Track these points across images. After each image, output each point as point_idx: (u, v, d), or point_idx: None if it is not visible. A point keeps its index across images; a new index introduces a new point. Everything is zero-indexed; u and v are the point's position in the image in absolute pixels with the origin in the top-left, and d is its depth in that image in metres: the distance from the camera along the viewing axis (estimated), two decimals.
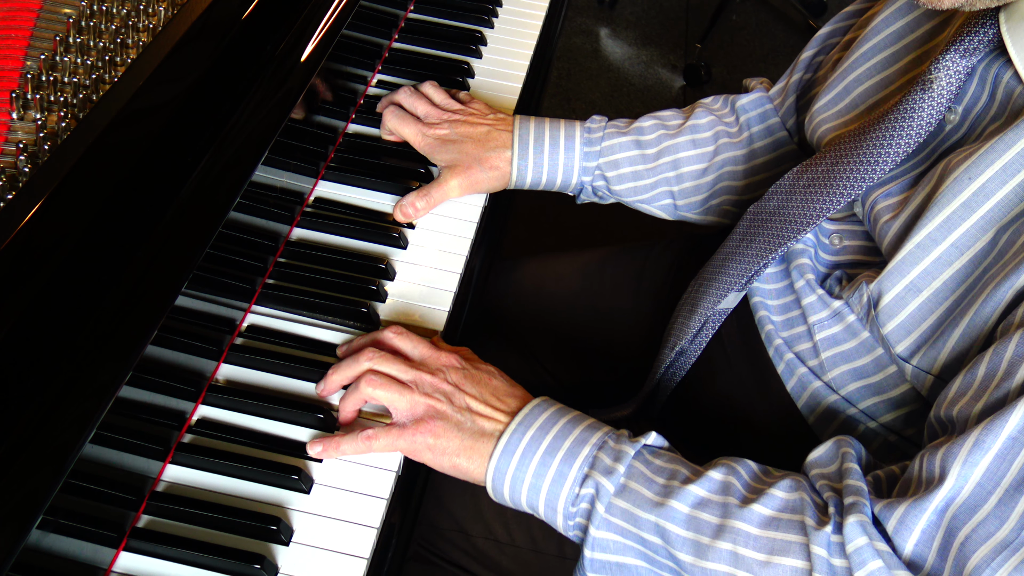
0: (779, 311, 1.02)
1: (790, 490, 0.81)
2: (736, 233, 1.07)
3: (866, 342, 0.93)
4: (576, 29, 3.12)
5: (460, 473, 0.89)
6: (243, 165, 0.91)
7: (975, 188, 0.82)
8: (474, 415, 0.89)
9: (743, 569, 0.79)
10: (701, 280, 1.09)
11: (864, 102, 1.02)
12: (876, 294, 0.88)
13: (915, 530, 0.75)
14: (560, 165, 1.18)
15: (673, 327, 1.10)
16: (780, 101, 1.21)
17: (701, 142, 1.19)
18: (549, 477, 0.86)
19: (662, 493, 0.83)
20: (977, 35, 0.86)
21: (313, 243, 1.07)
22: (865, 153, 0.92)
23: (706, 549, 0.80)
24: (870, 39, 1.03)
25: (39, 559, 0.69)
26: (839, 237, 1.00)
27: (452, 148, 1.15)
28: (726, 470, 0.84)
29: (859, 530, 0.76)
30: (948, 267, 0.84)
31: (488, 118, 1.19)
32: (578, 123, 1.19)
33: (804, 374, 0.98)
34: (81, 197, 0.80)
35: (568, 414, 0.89)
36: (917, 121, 0.89)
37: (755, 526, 0.79)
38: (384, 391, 0.89)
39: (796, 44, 3.17)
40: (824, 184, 0.95)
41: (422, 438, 0.88)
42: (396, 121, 1.17)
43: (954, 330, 0.82)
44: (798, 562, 0.77)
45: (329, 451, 0.88)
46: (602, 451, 0.85)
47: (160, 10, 1.00)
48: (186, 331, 0.86)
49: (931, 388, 0.86)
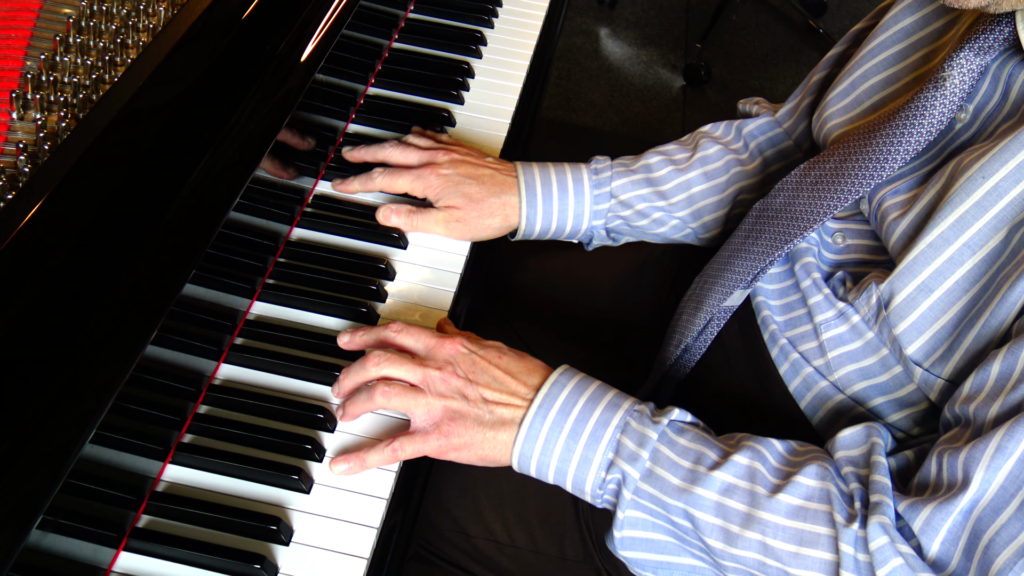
0: (782, 311, 1.02)
1: (817, 478, 0.83)
2: (741, 229, 1.06)
3: (872, 343, 0.93)
4: (576, 29, 3.12)
5: (488, 462, 0.90)
6: (243, 165, 0.91)
7: (989, 187, 0.82)
8: (491, 404, 0.89)
9: (773, 558, 0.81)
10: (706, 277, 1.09)
11: (871, 99, 1.01)
12: (887, 295, 0.87)
13: (941, 531, 0.76)
14: (570, 211, 1.14)
15: (678, 323, 1.10)
16: (791, 124, 1.19)
17: (713, 173, 1.17)
18: (574, 463, 0.88)
19: (688, 479, 0.84)
20: (992, 33, 0.85)
21: (313, 243, 1.07)
22: (874, 150, 0.91)
23: (735, 537, 0.82)
24: (879, 35, 1.03)
25: (39, 559, 0.69)
26: (842, 236, 0.99)
27: (455, 191, 1.09)
28: (751, 453, 0.85)
29: (881, 531, 0.78)
30: (960, 267, 0.83)
31: (487, 160, 1.14)
32: (583, 166, 1.16)
33: (810, 374, 0.98)
34: (81, 197, 0.80)
35: (587, 389, 0.90)
36: (928, 119, 0.88)
37: (783, 516, 0.81)
38: (399, 400, 0.89)
39: (796, 44, 3.18)
40: (832, 181, 0.95)
41: (446, 440, 0.89)
42: (388, 179, 1.10)
43: (968, 333, 0.82)
44: (826, 554, 0.80)
45: (354, 467, 0.88)
46: (625, 434, 0.87)
47: (160, 10, 1.00)
48: (186, 331, 0.86)
49: (940, 392, 0.86)
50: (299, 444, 0.89)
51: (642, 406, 0.90)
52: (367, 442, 0.91)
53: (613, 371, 1.15)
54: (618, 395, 0.90)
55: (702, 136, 1.20)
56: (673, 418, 0.89)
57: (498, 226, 1.12)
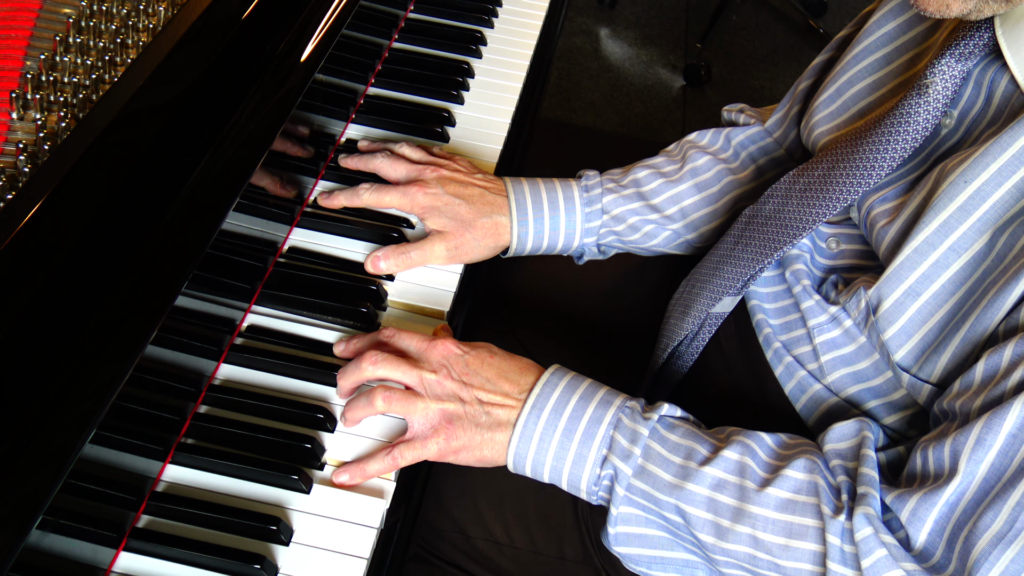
0: (776, 314, 1.02)
1: (805, 471, 0.84)
2: (730, 236, 1.06)
3: (864, 346, 0.93)
4: (576, 29, 3.12)
5: (487, 463, 0.91)
6: (243, 165, 0.91)
7: (971, 191, 0.82)
8: (486, 406, 0.90)
9: (763, 551, 0.83)
10: (694, 281, 1.09)
11: (856, 104, 1.02)
12: (875, 300, 0.88)
13: (927, 522, 0.77)
14: (562, 229, 1.13)
15: (665, 327, 1.11)
16: (781, 134, 1.19)
17: (704, 184, 1.17)
18: (569, 460, 0.89)
19: (680, 475, 0.86)
20: (972, 39, 0.86)
21: (313, 243, 1.07)
22: (861, 158, 0.92)
23: (726, 532, 0.84)
24: (863, 41, 1.03)
25: (39, 559, 0.69)
26: (836, 241, 1.00)
27: (444, 211, 1.07)
28: (741, 448, 0.86)
29: (865, 522, 0.79)
30: (946, 270, 0.84)
31: (476, 177, 1.11)
32: (573, 182, 1.15)
33: (804, 377, 0.98)
34: (81, 197, 0.80)
35: (579, 387, 0.91)
36: (913, 126, 0.89)
37: (772, 509, 0.83)
38: (399, 405, 0.90)
39: (796, 44, 3.18)
40: (820, 189, 0.95)
41: (445, 443, 0.89)
42: (375, 195, 1.08)
43: (954, 336, 0.83)
44: (814, 546, 0.81)
45: (356, 477, 0.88)
46: (618, 431, 0.88)
47: (160, 10, 1.00)
48: (186, 331, 0.86)
49: (928, 396, 0.86)
50: (299, 444, 0.89)
51: (633, 402, 0.91)
52: (367, 444, 0.91)
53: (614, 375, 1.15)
54: (609, 392, 0.92)
55: (689, 147, 1.19)
56: (663, 413, 0.90)
57: (491, 246, 1.10)
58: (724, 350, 1.09)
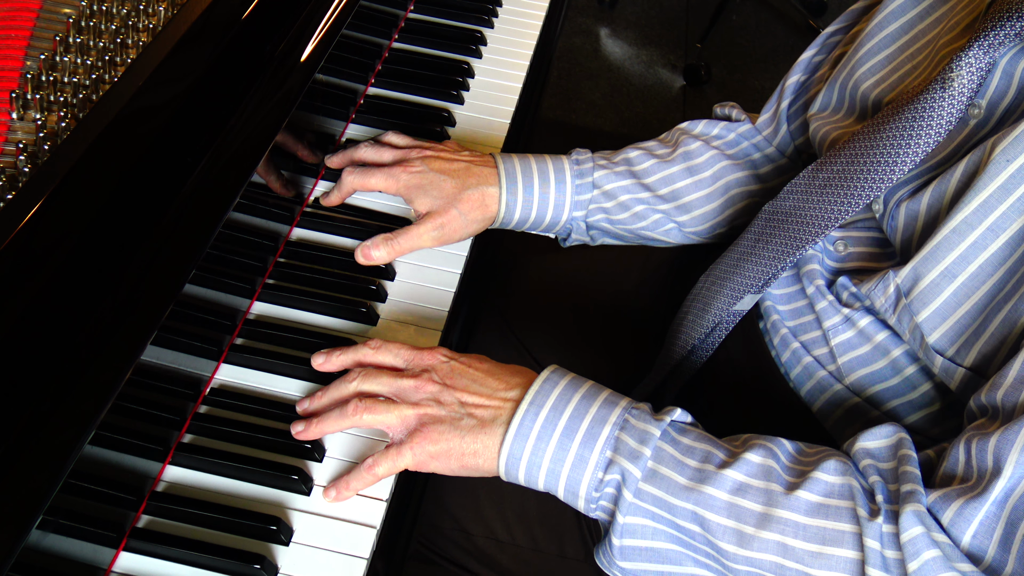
0: (791, 315, 1.01)
1: (836, 473, 0.79)
2: (751, 232, 1.05)
3: (880, 346, 0.92)
4: (576, 29, 3.12)
5: (472, 471, 0.86)
6: (243, 165, 0.91)
7: (1013, 170, 0.80)
8: (469, 407, 0.86)
9: (792, 559, 0.77)
10: (713, 277, 1.07)
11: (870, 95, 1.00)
12: (909, 282, 0.85)
13: (974, 522, 0.73)
14: (551, 200, 1.11)
15: (683, 324, 1.08)
16: (771, 132, 1.18)
17: (696, 168, 1.15)
18: (569, 462, 0.83)
19: (696, 478, 0.80)
20: (1003, 29, 0.83)
21: (313, 243, 1.07)
22: (882, 152, 0.89)
23: (750, 539, 0.78)
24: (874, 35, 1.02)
25: (39, 559, 0.69)
26: (844, 244, 0.98)
27: (429, 190, 1.05)
28: (764, 452, 0.81)
29: (915, 520, 0.74)
30: (984, 251, 0.81)
31: (463, 154, 1.10)
32: (564, 157, 1.14)
33: (824, 377, 0.96)
34: (81, 197, 0.80)
35: (581, 386, 0.86)
36: (936, 120, 0.86)
37: (802, 514, 0.77)
38: (371, 415, 0.86)
39: (796, 44, 3.18)
40: (841, 185, 0.93)
41: (421, 448, 0.85)
42: (359, 177, 1.06)
43: (994, 319, 0.80)
44: (850, 552, 0.76)
45: (342, 494, 0.86)
46: (624, 431, 0.82)
47: (160, 10, 1.00)
48: (186, 331, 0.86)
49: (961, 382, 0.83)
50: (299, 444, 0.89)
51: (641, 404, 0.86)
52: (367, 443, 0.91)
53: (618, 374, 1.15)
54: (613, 394, 0.87)
55: (681, 133, 1.19)
56: (675, 418, 0.85)
57: (479, 219, 1.08)
58: (729, 347, 1.09)
